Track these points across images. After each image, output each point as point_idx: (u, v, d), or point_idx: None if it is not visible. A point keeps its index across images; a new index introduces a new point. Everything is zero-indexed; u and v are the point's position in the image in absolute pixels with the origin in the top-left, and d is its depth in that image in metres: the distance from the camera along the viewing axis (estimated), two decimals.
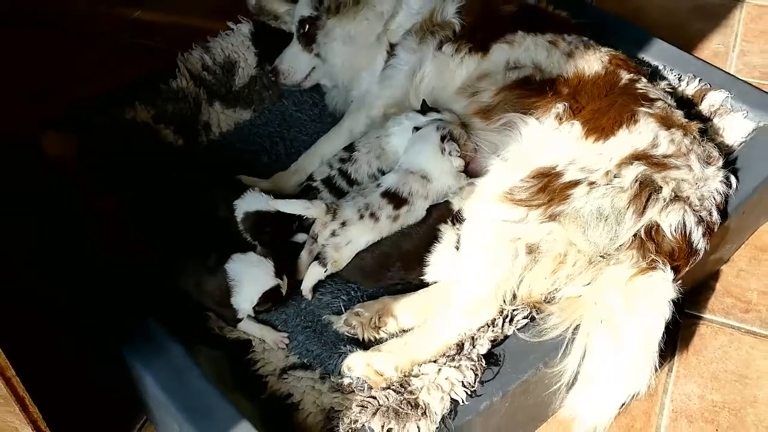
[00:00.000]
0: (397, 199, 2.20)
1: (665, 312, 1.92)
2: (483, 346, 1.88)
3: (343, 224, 2.19)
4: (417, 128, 2.31)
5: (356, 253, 2.20)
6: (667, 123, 2.15)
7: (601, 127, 2.12)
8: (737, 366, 2.17)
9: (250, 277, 2.10)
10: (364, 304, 2.12)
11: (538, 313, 1.99)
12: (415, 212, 2.22)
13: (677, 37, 3.14)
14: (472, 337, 1.92)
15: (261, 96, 2.79)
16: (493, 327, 1.94)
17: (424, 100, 2.37)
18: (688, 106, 2.54)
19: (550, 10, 2.56)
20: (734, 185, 2.22)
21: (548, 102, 2.20)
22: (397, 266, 2.19)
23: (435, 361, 1.89)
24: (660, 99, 2.24)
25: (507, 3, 2.50)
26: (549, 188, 2.04)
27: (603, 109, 2.17)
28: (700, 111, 2.53)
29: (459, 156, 2.22)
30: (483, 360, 1.86)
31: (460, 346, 1.90)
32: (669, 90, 2.38)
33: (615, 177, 2.03)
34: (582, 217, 2.00)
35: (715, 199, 2.12)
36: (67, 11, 3.48)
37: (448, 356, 1.88)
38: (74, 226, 2.26)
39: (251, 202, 2.28)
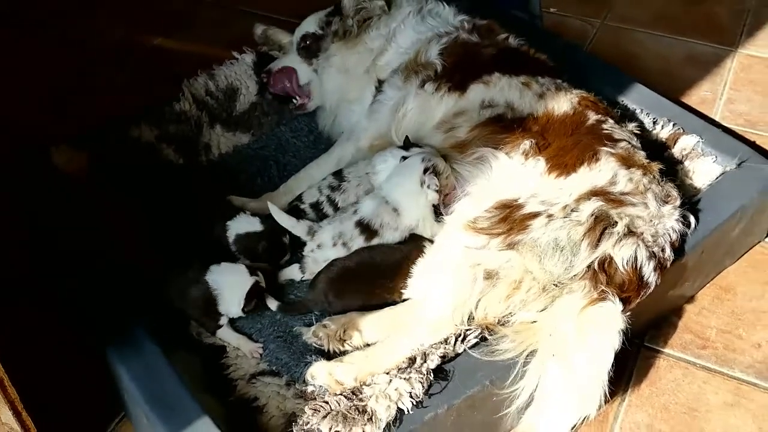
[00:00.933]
0: (368, 231, 2.35)
1: (615, 342, 2.03)
2: (433, 361, 2.00)
3: (319, 246, 2.39)
4: (405, 158, 2.43)
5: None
6: (627, 162, 2.28)
7: (564, 163, 2.26)
8: (688, 399, 2.25)
9: (230, 284, 2.27)
10: (332, 318, 2.26)
11: (490, 334, 2.11)
12: (385, 240, 2.37)
13: (668, 83, 3.28)
14: (424, 353, 2.04)
15: (260, 122, 2.98)
16: (446, 344, 2.06)
17: (407, 137, 2.51)
18: (662, 149, 2.67)
19: (531, 53, 2.71)
20: (693, 225, 2.33)
21: (517, 138, 2.33)
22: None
23: (387, 373, 2.02)
24: (624, 140, 2.36)
25: (488, 46, 2.66)
26: (510, 218, 2.17)
27: (568, 146, 2.30)
28: (672, 154, 2.65)
29: (436, 191, 2.33)
30: (432, 374, 1.98)
31: (412, 360, 2.02)
32: (637, 132, 2.48)
33: (573, 211, 2.16)
34: (539, 246, 2.12)
35: (670, 236, 2.22)
36: (92, 32, 3.73)
37: (400, 369, 2.01)
38: (78, 229, 2.45)
39: (242, 225, 2.46)
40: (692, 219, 2.33)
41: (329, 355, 2.20)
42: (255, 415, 2.11)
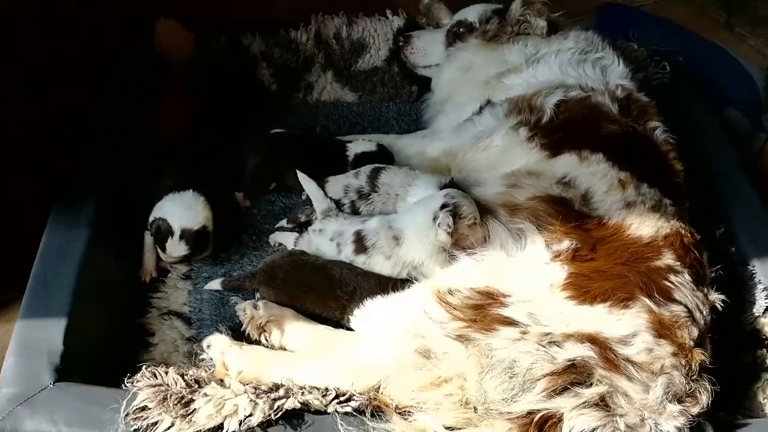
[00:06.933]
0: (359, 244, 2.12)
1: None
2: (291, 402, 1.71)
3: (320, 231, 2.21)
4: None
5: None
6: (661, 331, 1.76)
7: (585, 289, 1.81)
8: None
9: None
10: (268, 304, 2.06)
11: (378, 417, 1.75)
12: (372, 267, 2.10)
13: None
14: (301, 389, 1.76)
15: (374, 89, 2.77)
16: (325, 394, 1.76)
17: (452, 179, 2.20)
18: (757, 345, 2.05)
19: (668, 156, 2.20)
20: None
21: (564, 233, 1.92)
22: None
23: (245, 385, 1.77)
24: (684, 306, 1.83)
25: (615, 123, 2.19)
26: (482, 310, 1.80)
27: (607, 274, 1.84)
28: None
29: (447, 232, 2.00)
30: (281, 412, 1.70)
31: (276, 388, 1.76)
32: (720, 306, 1.92)
33: (553, 344, 1.73)
34: (491, 358, 1.74)
35: None
36: None
37: (259, 388, 1.75)
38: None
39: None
40: None
41: (243, 337, 2.02)
42: (140, 348, 2.03)
